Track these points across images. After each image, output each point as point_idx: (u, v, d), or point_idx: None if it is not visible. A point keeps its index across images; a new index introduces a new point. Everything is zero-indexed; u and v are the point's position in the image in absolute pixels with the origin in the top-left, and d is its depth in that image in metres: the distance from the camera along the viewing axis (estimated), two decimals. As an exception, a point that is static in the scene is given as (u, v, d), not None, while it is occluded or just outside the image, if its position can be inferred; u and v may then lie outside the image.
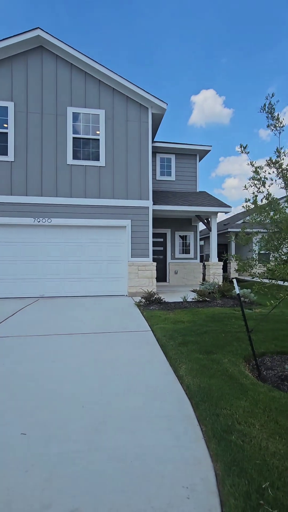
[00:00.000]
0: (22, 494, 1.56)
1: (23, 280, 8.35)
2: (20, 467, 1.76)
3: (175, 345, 3.90)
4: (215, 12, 50.57)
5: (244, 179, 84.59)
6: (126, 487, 1.61)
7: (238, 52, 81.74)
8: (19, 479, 1.66)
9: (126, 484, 1.63)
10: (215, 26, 59.11)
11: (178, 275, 12.62)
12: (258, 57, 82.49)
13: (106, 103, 8.72)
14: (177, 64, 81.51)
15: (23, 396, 2.64)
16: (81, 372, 3.15)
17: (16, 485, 1.62)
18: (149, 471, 1.72)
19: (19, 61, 8.25)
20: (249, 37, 75.35)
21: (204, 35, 65.51)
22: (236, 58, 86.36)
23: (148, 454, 1.87)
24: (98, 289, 8.76)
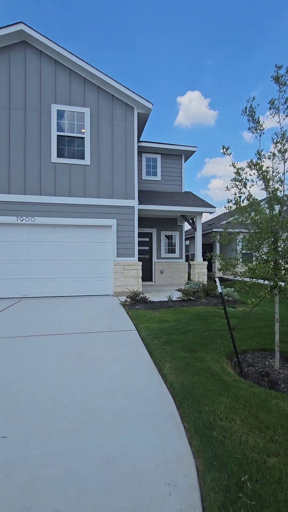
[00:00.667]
0: (2, 497, 1.53)
1: (6, 280, 8.14)
2: (0, 470, 1.72)
3: (159, 344, 3.93)
4: (202, 13, 51.18)
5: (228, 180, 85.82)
6: (108, 486, 1.61)
7: (224, 55, 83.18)
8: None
9: (108, 483, 1.63)
10: (201, 28, 59.84)
11: (163, 275, 12.70)
12: (244, 60, 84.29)
13: (92, 101, 8.65)
14: (163, 65, 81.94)
15: (3, 398, 2.58)
16: (65, 373, 3.11)
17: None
18: (132, 469, 1.73)
19: (1, 56, 8.02)
20: (235, 41, 76.78)
21: (191, 36, 66.23)
22: (222, 60, 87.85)
23: (131, 453, 1.87)
24: (84, 288, 8.68)
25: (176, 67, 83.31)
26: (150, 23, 56.07)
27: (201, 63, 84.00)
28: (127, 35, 68.81)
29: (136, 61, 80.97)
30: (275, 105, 2.92)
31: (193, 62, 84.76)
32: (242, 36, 72.77)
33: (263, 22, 67.85)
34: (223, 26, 61.49)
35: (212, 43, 74.09)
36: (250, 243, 3.23)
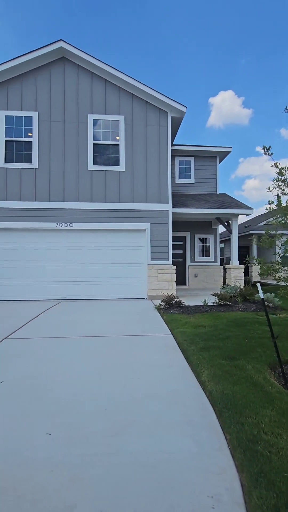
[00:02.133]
0: (48, 493, 1.59)
1: (47, 283, 8.60)
2: (45, 466, 1.80)
3: (196, 349, 3.84)
4: (232, 12, 49.95)
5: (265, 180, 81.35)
6: (149, 492, 1.60)
7: (257, 52, 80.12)
8: (44, 479, 1.70)
9: (149, 489, 1.62)
10: (232, 27, 58.35)
11: (198, 278, 12.46)
12: (278, 56, 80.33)
13: (126, 108, 8.86)
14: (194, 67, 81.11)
15: (47, 397, 2.70)
16: (103, 375, 3.18)
17: (42, 484, 1.65)
18: (172, 477, 1.70)
19: (43, 73, 8.59)
20: (269, 36, 73.62)
21: (222, 36, 64.84)
22: (256, 57, 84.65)
23: (170, 460, 1.84)
24: (118, 292, 8.84)
25: (208, 68, 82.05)
26: (180, 26, 56.08)
27: (234, 62, 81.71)
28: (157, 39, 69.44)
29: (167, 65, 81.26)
30: None
31: (226, 61, 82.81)
32: (275, 31, 69.54)
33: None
34: (255, 22, 59.37)
35: (244, 41, 71.79)
36: (294, 246, 3.03)
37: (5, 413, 2.42)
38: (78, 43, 9.60)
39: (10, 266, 8.56)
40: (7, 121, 8.46)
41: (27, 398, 2.67)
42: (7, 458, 1.87)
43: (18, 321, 5.65)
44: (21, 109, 8.52)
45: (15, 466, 1.80)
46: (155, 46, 72.93)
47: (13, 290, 8.51)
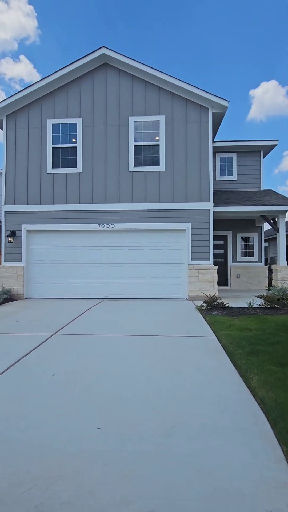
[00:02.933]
0: (103, 486, 1.65)
1: (90, 282, 8.96)
2: (99, 460, 1.86)
3: (243, 354, 3.69)
4: None
5: (314, 173, 74.32)
6: (203, 498, 1.57)
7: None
8: (99, 472, 1.76)
9: (203, 495, 1.58)
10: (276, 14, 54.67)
11: (240, 279, 11.95)
12: None
13: (166, 108, 8.84)
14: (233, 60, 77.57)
15: (96, 391, 2.81)
16: (148, 374, 3.21)
17: (97, 477, 1.72)
18: (227, 486, 1.65)
19: (86, 80, 8.96)
20: None
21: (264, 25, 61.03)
22: (303, 42, 78.23)
23: (224, 468, 1.79)
24: (159, 292, 8.86)
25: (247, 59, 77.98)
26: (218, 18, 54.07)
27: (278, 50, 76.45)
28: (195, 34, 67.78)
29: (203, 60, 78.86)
30: None
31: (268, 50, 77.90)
32: None
33: None
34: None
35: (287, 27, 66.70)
36: None
37: (59, 405, 2.57)
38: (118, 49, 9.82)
39: (56, 265, 9.09)
40: (54, 129, 8.99)
41: (77, 391, 2.80)
42: (65, 447, 1.98)
43: (65, 318, 5.97)
44: (67, 116, 8.98)
45: (72, 456, 1.90)
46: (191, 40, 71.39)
47: (58, 289, 9.01)
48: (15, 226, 9.01)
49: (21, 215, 9.02)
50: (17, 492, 1.60)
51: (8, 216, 9.07)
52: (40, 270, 9.12)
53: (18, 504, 1.52)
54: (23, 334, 4.85)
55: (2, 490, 1.61)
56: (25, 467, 1.79)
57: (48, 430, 2.18)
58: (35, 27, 58.38)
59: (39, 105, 9.10)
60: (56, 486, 1.64)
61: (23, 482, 1.67)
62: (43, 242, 9.14)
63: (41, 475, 1.72)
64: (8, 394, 2.77)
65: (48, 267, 9.10)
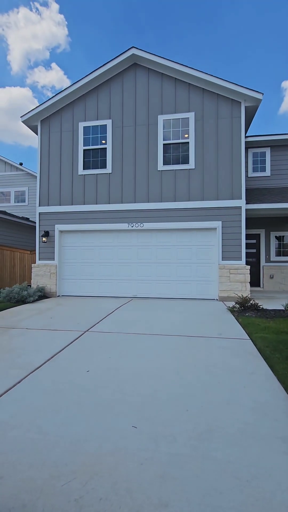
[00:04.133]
0: (140, 486, 1.64)
1: (119, 281, 9.07)
2: (135, 459, 1.86)
3: (282, 358, 3.49)
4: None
5: None
6: (244, 508, 1.49)
7: None
8: (135, 471, 1.75)
9: (244, 505, 1.51)
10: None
11: (274, 280, 11.40)
12: None
13: (196, 104, 8.67)
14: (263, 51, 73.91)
15: (129, 390, 2.81)
16: (181, 375, 3.15)
17: (133, 476, 1.71)
18: (270, 498, 1.55)
19: (116, 81, 9.08)
20: None
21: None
22: None
23: (265, 477, 1.69)
24: (188, 291, 8.73)
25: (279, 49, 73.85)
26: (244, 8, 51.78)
27: (314, 35, 71.61)
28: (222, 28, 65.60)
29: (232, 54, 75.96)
30: None
31: (304, 36, 73.20)
32: None
33: None
34: None
35: None
36: None
37: (94, 401, 2.61)
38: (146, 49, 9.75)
39: (87, 264, 9.32)
40: (85, 131, 9.22)
41: (111, 389, 2.83)
42: (102, 444, 2.00)
43: (96, 316, 6.09)
44: (97, 118, 9.17)
45: (107, 452, 1.92)
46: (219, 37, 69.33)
47: (89, 287, 9.24)
48: (48, 226, 9.39)
49: (54, 216, 9.37)
50: (57, 484, 1.64)
51: (42, 217, 9.47)
52: (71, 268, 9.41)
53: (59, 496, 1.56)
54: (57, 330, 5.03)
55: (43, 482, 1.66)
56: (63, 461, 1.83)
57: (84, 426, 2.22)
58: (65, 35, 60.46)
59: (70, 109, 9.39)
60: (94, 481, 1.65)
61: (62, 474, 1.71)
62: (74, 241, 9.43)
63: (79, 469, 1.75)
64: (44, 388, 2.87)
65: (79, 266, 9.36)
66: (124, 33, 67.63)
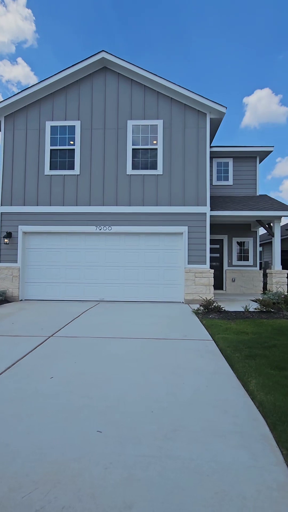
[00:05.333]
0: (105, 490, 1.63)
1: (86, 284, 8.92)
2: (100, 463, 1.85)
3: (241, 357, 3.70)
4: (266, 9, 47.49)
5: (306, 179, 75.07)
6: (205, 502, 1.56)
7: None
8: (100, 475, 1.74)
9: (205, 499, 1.58)
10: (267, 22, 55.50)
11: (235, 283, 12.03)
12: None
13: (164, 112, 8.92)
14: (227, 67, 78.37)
15: (95, 394, 2.79)
16: (146, 377, 3.20)
17: (98, 481, 1.70)
18: (229, 490, 1.65)
19: (86, 83, 9.01)
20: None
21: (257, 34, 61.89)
22: (295, 53, 79.69)
23: (225, 471, 1.79)
24: (155, 295, 8.86)
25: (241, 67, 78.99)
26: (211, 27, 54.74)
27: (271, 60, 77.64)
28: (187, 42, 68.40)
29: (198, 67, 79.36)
30: None
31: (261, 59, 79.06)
32: None
33: None
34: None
35: (281, 37, 67.87)
36: None
37: (58, 408, 2.54)
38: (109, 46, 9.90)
39: (53, 267, 9.03)
40: (52, 130, 8.99)
41: (76, 394, 2.78)
42: (65, 451, 1.96)
43: (61, 321, 5.92)
44: (65, 119, 9.00)
45: (71, 459, 1.88)
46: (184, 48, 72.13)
47: (54, 290, 8.95)
48: (11, 227, 8.94)
49: (17, 216, 8.96)
50: (17, 497, 1.57)
51: (5, 217, 9.00)
52: (36, 271, 9.05)
53: (18, 509, 1.50)
54: (20, 336, 4.80)
55: (2, 494, 1.59)
56: (24, 471, 1.76)
57: (47, 434, 2.15)
58: (33, 30, 58.34)
59: (37, 107, 9.10)
60: (57, 490, 1.61)
61: (23, 486, 1.65)
62: (39, 243, 9.09)
63: (41, 479, 1.70)
64: (5, 396, 2.73)
65: (44, 269, 9.04)
66: (95, 34, 67.16)
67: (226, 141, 39.69)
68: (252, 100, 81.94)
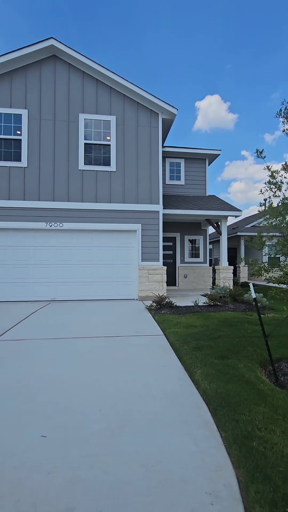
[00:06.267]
0: (47, 496, 1.58)
1: (35, 284, 8.46)
2: (43, 469, 1.77)
3: (189, 349, 3.89)
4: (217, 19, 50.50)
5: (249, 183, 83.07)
6: (149, 491, 1.61)
7: (242, 59, 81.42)
8: (42, 482, 1.68)
9: (148, 488, 1.63)
10: (218, 33, 59.17)
11: (187, 279, 12.57)
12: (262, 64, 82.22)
13: (117, 109, 8.85)
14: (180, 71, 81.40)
15: (41, 399, 2.67)
16: (96, 376, 3.16)
17: (40, 487, 1.63)
18: (171, 476, 1.72)
19: (33, 70, 8.47)
20: (252, 45, 74.80)
21: (207, 42, 65.62)
22: (240, 64, 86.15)
23: (168, 459, 1.86)
24: (109, 293, 8.80)
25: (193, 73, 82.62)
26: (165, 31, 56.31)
27: (220, 68, 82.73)
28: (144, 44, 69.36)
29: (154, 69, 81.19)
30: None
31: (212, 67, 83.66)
32: (258, 39, 70.83)
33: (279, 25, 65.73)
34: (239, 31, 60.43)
35: (229, 48, 72.88)
36: (285, 247, 3.12)
37: (0, 416, 2.37)
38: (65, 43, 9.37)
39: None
40: (-4, 118, 8.28)
41: (21, 400, 2.63)
42: (4, 460, 1.84)
43: (7, 323, 5.54)
44: (10, 106, 8.35)
45: (12, 468, 1.77)
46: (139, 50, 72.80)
47: (0, 291, 8.32)
48: None
49: None
50: None
51: None
52: (-23, 271, 8.29)
53: None
54: None
55: None
56: None
57: (-16, 445, 1.99)
58: (-26, 4, 52.78)
59: (-22, 90, 8.29)
60: (-8, 504, 1.51)
61: None
62: (-19, 240, 8.33)
63: (-25, 495, 1.57)
64: None
65: (-12, 268, 8.32)
66: (47, 20, 63.64)
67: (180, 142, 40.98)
68: (204, 105, 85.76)
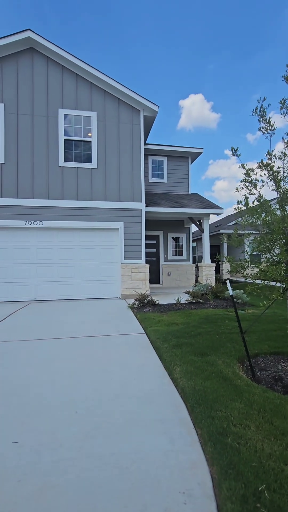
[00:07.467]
0: (15, 506, 1.52)
1: (14, 284, 8.22)
2: (12, 477, 1.71)
3: (169, 347, 3.89)
4: (200, 20, 51.03)
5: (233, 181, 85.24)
6: (121, 494, 1.58)
7: (224, 59, 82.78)
8: (11, 490, 1.61)
9: (121, 490, 1.60)
10: (201, 33, 59.81)
11: (171, 277, 12.64)
12: (243, 64, 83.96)
13: (98, 105, 8.71)
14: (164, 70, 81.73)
15: (15, 403, 2.58)
16: (75, 377, 3.10)
17: (8, 497, 1.57)
18: (145, 476, 1.70)
19: (10, 62, 8.17)
20: (234, 45, 76.16)
21: (191, 41, 66.24)
22: (222, 65, 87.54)
23: (143, 460, 1.84)
24: (91, 291, 8.70)
25: (178, 72, 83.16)
26: (149, 30, 56.32)
27: (203, 68, 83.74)
28: (127, 42, 69.07)
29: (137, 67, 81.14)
30: (286, 105, 2.88)
31: (195, 66, 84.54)
32: (240, 40, 72.31)
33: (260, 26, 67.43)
34: (221, 31, 61.35)
35: (211, 48, 73.88)
36: (261, 245, 3.17)
37: None
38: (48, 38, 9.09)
39: (-26, 266, 8.06)
40: None
41: (-7, 405, 2.53)
42: None
43: (-16, 325, 5.34)
44: (-15, 99, 8.03)
45: (-22, 479, 1.69)
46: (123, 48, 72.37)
47: (-22, 292, 8.02)
48: None
49: None
50: None
51: None
52: None
53: None
54: None
55: None
56: None
57: None
58: None
59: None
60: None
61: None
62: None
63: None
64: None
65: None
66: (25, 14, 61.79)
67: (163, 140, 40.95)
68: (187, 103, 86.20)
